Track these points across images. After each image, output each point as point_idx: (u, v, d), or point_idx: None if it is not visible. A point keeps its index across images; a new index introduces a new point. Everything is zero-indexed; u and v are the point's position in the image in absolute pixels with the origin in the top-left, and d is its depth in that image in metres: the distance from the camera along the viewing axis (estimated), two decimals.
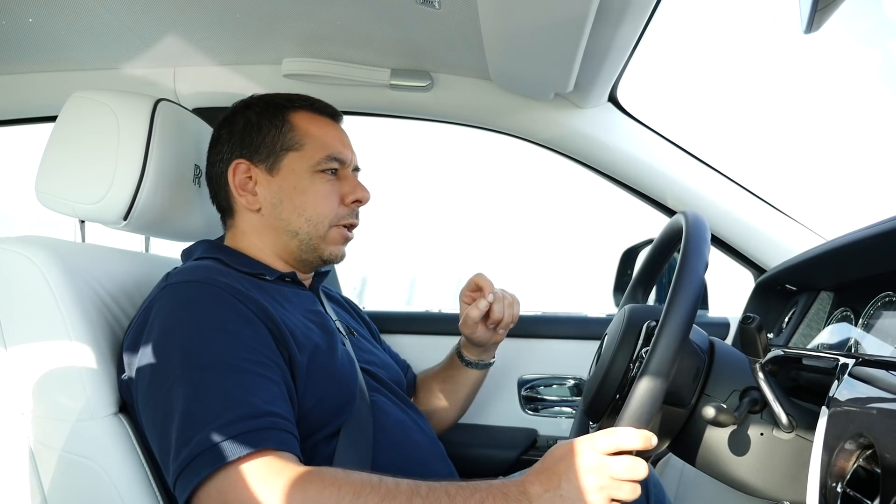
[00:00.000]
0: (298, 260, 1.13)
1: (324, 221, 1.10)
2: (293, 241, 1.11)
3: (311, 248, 1.11)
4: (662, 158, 1.53)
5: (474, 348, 1.27)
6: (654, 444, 0.74)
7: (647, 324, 0.91)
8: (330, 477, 0.80)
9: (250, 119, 1.12)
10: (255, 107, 1.14)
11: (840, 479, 0.63)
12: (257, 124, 1.12)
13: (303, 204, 1.09)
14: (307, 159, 1.10)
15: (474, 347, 1.27)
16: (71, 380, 0.93)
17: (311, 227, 1.10)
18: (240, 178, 1.11)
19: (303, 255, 1.12)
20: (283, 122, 1.12)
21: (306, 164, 1.10)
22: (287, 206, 1.10)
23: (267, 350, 0.90)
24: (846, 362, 0.76)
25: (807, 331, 1.18)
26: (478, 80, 1.52)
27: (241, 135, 1.12)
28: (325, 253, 1.12)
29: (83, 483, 0.92)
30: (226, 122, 1.15)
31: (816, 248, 1.10)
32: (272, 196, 1.10)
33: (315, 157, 1.10)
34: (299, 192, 1.09)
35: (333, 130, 1.16)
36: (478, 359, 1.29)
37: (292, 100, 1.15)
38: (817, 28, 0.65)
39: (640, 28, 1.18)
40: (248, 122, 1.12)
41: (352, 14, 1.29)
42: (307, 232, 1.10)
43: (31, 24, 1.37)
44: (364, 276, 2.79)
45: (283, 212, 1.10)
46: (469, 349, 1.28)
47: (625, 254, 1.61)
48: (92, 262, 1.03)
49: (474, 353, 1.28)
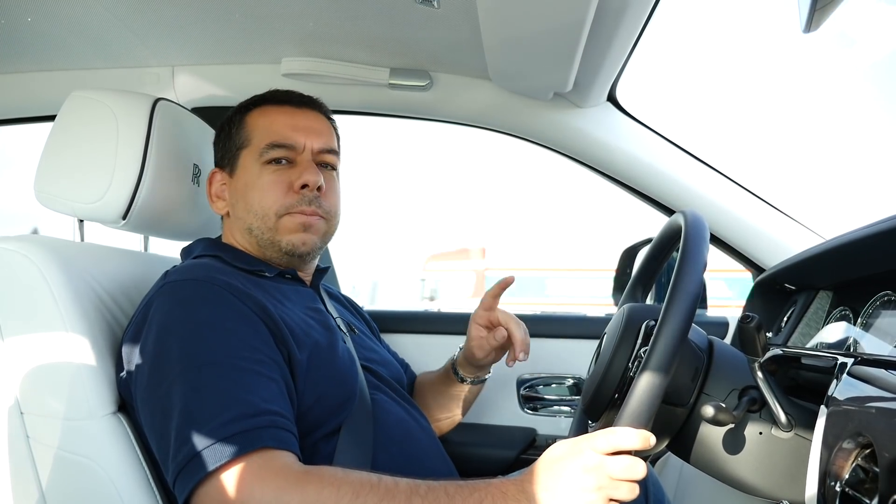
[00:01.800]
0: (267, 257, 1.11)
1: (269, 213, 1.07)
2: (252, 238, 1.10)
3: (267, 243, 1.08)
4: (661, 157, 1.53)
5: (470, 367, 1.25)
6: (653, 444, 0.74)
7: (646, 323, 0.91)
8: (329, 476, 0.80)
9: (223, 127, 1.16)
10: (230, 115, 1.16)
11: (839, 477, 0.63)
12: (226, 131, 1.15)
13: (251, 199, 1.08)
14: (254, 152, 1.10)
15: (470, 366, 1.24)
16: (70, 379, 0.93)
17: (259, 220, 1.08)
18: (216, 186, 1.14)
19: (265, 252, 1.10)
20: (239, 122, 1.13)
21: (253, 158, 1.10)
22: (240, 204, 1.10)
23: (266, 348, 0.90)
24: (845, 361, 0.76)
25: (806, 330, 1.18)
26: (477, 79, 1.52)
27: (217, 145, 1.16)
28: (281, 244, 1.08)
29: (82, 482, 0.92)
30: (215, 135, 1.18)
31: (815, 247, 1.10)
32: (231, 197, 1.12)
33: (259, 147, 1.09)
34: (249, 188, 1.09)
35: (285, 117, 1.12)
36: (474, 376, 1.26)
37: (259, 99, 1.15)
38: (816, 27, 0.65)
39: (639, 28, 1.18)
40: (222, 130, 1.16)
41: (351, 13, 1.29)
42: (258, 226, 1.08)
43: (29, 24, 1.37)
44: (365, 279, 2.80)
45: (238, 210, 1.10)
46: (465, 367, 1.25)
47: (624, 253, 1.61)
48: (91, 262, 1.03)
49: (471, 371, 1.26)
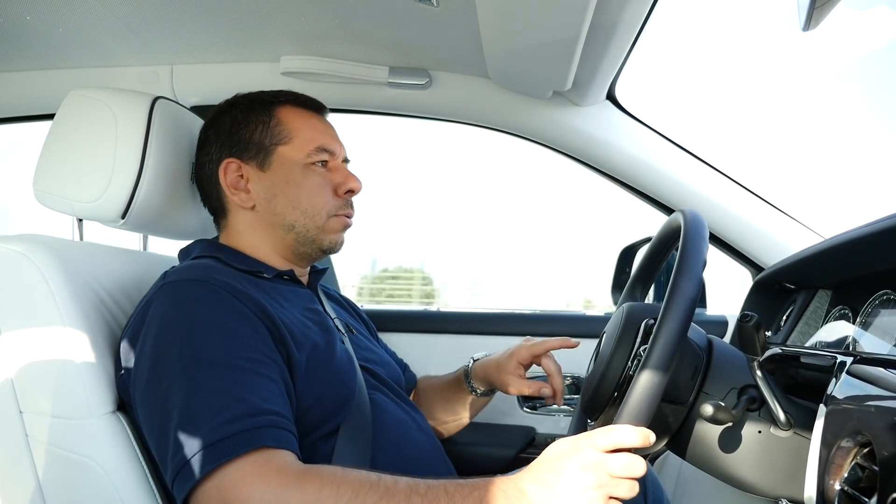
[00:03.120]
0: (296, 253, 1.12)
1: (321, 213, 1.10)
2: (289, 235, 1.10)
3: (308, 240, 1.11)
4: (660, 156, 1.53)
5: (486, 382, 1.24)
6: (653, 442, 0.74)
7: (645, 322, 0.91)
8: (328, 475, 0.80)
9: (236, 117, 1.13)
10: (240, 105, 1.14)
11: (838, 476, 0.63)
12: (244, 122, 1.12)
13: (297, 197, 1.09)
14: (297, 152, 1.10)
15: (486, 382, 1.24)
16: (69, 378, 0.93)
17: (308, 219, 1.10)
18: (231, 177, 1.10)
19: (300, 248, 1.12)
20: (271, 118, 1.12)
21: (297, 157, 1.10)
22: (281, 200, 1.10)
23: (265, 348, 0.90)
24: (844, 360, 0.76)
25: (805, 329, 1.18)
26: (476, 77, 1.52)
27: (228, 134, 1.12)
28: (324, 242, 1.12)
29: (81, 481, 0.92)
30: (212, 123, 1.15)
31: (814, 246, 1.10)
32: (265, 191, 1.10)
33: (305, 149, 1.10)
34: (293, 186, 1.09)
35: (320, 123, 1.16)
36: (487, 387, 1.26)
37: (277, 95, 1.15)
38: (815, 25, 0.65)
39: (638, 26, 1.18)
40: (235, 120, 1.12)
41: (350, 12, 1.29)
42: (304, 224, 1.10)
43: (28, 22, 1.36)
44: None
45: (277, 206, 1.10)
46: (481, 382, 1.25)
47: (623, 252, 1.61)
48: (90, 261, 1.03)
49: (485, 384, 1.25)
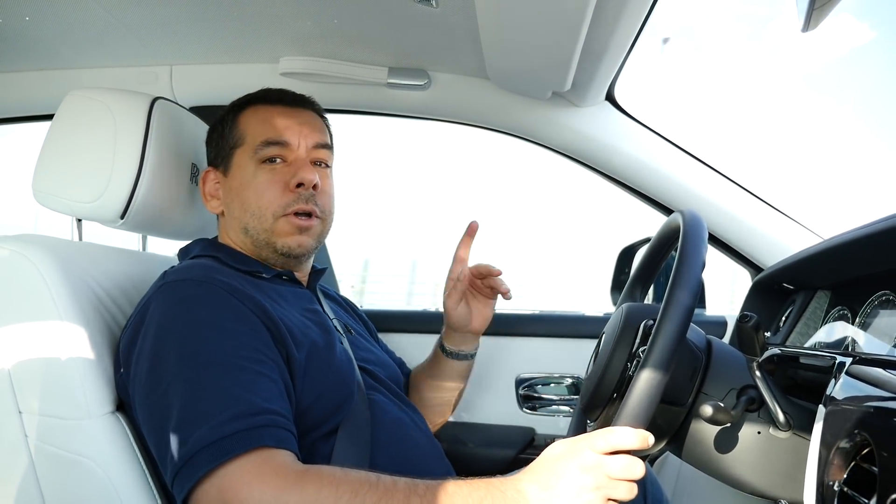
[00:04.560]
0: (262, 257, 1.11)
1: (265, 213, 1.07)
2: (247, 238, 1.10)
3: (263, 243, 1.08)
4: (660, 157, 1.53)
5: (454, 335, 1.26)
6: (652, 444, 0.74)
7: (644, 322, 0.91)
8: (328, 475, 0.80)
9: (216, 127, 1.16)
10: (223, 114, 1.16)
11: (837, 477, 0.63)
12: (219, 130, 1.14)
13: (247, 198, 1.08)
14: (248, 151, 1.09)
15: (454, 335, 1.26)
16: (68, 378, 0.93)
17: (256, 220, 1.07)
18: (209, 185, 1.14)
19: (261, 252, 1.10)
20: (233, 121, 1.13)
21: (248, 157, 1.09)
22: (236, 203, 1.10)
23: (265, 348, 0.90)
24: (843, 361, 0.76)
25: (804, 329, 1.18)
26: (475, 78, 1.52)
27: (209, 143, 1.16)
28: (277, 245, 1.08)
29: (81, 481, 0.92)
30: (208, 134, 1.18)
31: (813, 246, 1.10)
32: (226, 196, 1.12)
33: (253, 145, 1.09)
34: (245, 188, 1.09)
35: (279, 116, 1.11)
36: (458, 348, 1.27)
37: (252, 98, 1.15)
38: (815, 27, 0.65)
39: (638, 26, 1.18)
40: (214, 129, 1.16)
41: (349, 13, 1.29)
42: (254, 227, 1.08)
43: (27, 23, 1.36)
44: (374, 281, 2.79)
45: (234, 210, 1.10)
46: (450, 337, 1.27)
47: (622, 252, 1.61)
48: (89, 261, 1.03)
49: (454, 341, 1.27)
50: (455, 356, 1.28)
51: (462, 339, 1.27)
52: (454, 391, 1.32)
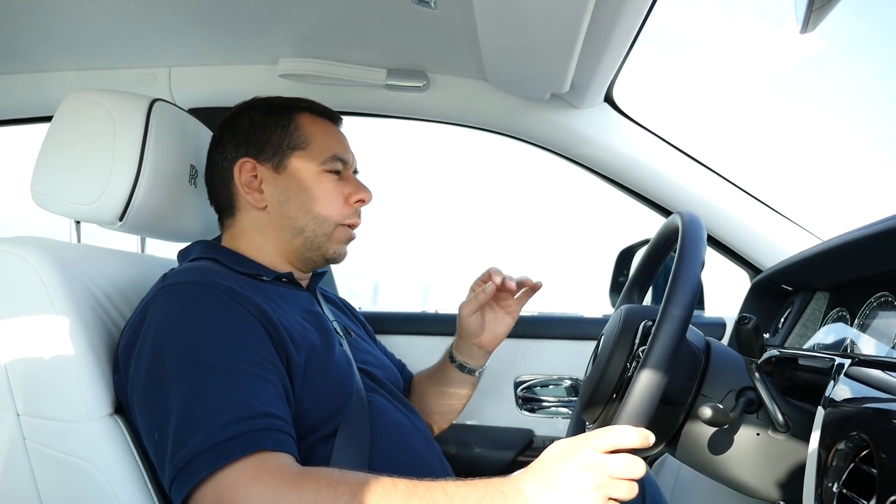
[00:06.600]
0: (301, 258, 1.13)
1: (330, 220, 1.11)
2: (297, 239, 1.11)
3: (315, 247, 1.12)
4: (658, 158, 1.53)
5: (462, 345, 1.26)
6: (652, 442, 0.74)
7: (643, 324, 0.91)
8: (327, 477, 0.79)
9: (255, 119, 1.14)
10: (259, 108, 1.15)
11: (836, 479, 0.63)
12: (262, 124, 1.13)
13: (309, 202, 1.11)
14: (313, 158, 1.12)
15: (463, 344, 1.26)
16: (67, 381, 0.92)
17: (317, 224, 1.11)
18: (245, 176, 1.11)
19: (306, 254, 1.12)
20: (290, 122, 1.13)
21: (313, 164, 1.11)
22: (294, 203, 1.11)
23: (264, 351, 0.90)
24: (842, 362, 0.76)
25: (803, 331, 1.19)
26: (474, 80, 1.52)
27: (245, 134, 1.13)
28: (328, 251, 1.13)
29: (79, 484, 0.92)
30: (228, 123, 1.15)
31: (812, 248, 1.10)
32: (279, 194, 1.11)
33: (321, 156, 1.12)
34: (306, 191, 1.11)
35: (336, 132, 1.18)
36: (464, 360, 1.27)
37: (296, 101, 1.17)
38: (813, 28, 0.65)
39: (636, 28, 1.18)
40: (253, 122, 1.13)
41: (348, 14, 1.29)
42: (313, 230, 1.11)
43: (26, 24, 1.36)
44: (376, 281, 2.77)
45: (289, 209, 1.11)
46: (459, 346, 1.27)
47: (621, 254, 1.61)
48: (88, 263, 1.02)
49: (462, 351, 1.27)
50: (460, 367, 1.28)
51: (469, 352, 1.27)
52: (460, 399, 1.32)
